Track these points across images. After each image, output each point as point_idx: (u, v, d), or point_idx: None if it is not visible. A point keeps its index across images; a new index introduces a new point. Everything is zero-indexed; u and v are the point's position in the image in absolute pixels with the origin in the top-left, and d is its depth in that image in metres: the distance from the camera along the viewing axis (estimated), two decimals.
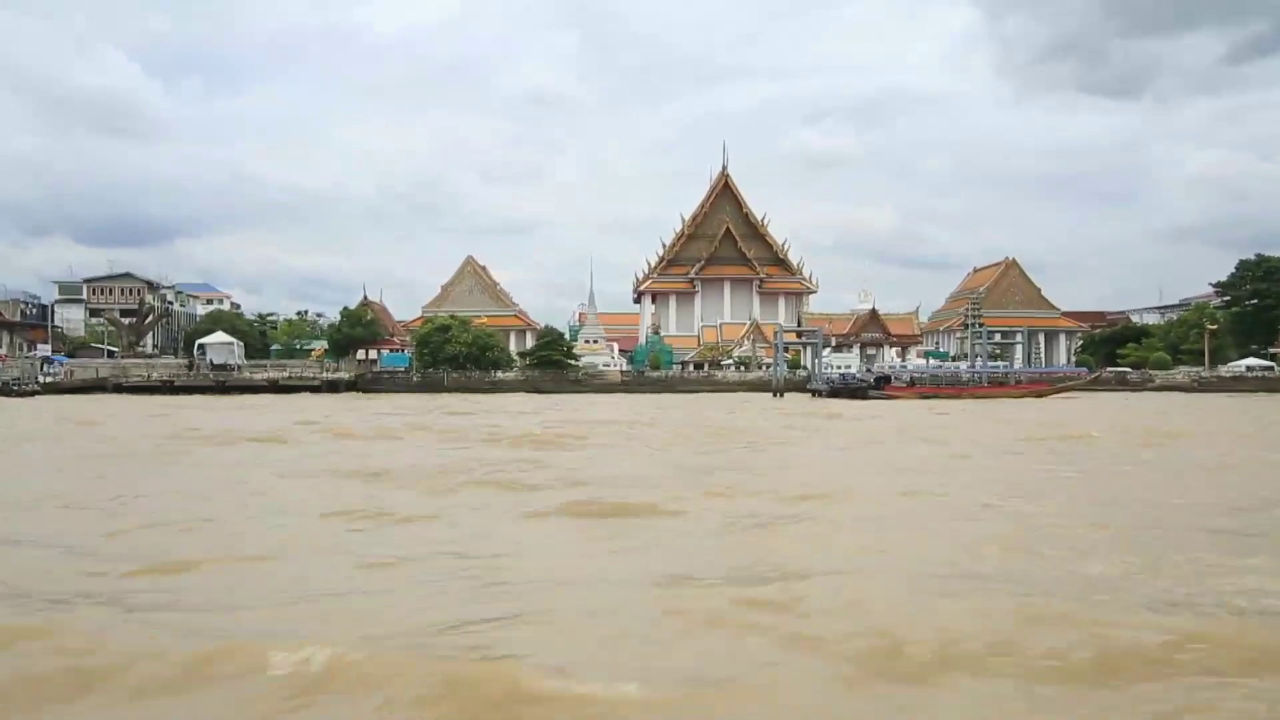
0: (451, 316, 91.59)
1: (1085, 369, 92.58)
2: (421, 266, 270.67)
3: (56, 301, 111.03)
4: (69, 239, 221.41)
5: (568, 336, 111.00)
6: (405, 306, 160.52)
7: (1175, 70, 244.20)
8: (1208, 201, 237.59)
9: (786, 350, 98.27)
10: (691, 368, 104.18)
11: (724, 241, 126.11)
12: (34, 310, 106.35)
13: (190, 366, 76.55)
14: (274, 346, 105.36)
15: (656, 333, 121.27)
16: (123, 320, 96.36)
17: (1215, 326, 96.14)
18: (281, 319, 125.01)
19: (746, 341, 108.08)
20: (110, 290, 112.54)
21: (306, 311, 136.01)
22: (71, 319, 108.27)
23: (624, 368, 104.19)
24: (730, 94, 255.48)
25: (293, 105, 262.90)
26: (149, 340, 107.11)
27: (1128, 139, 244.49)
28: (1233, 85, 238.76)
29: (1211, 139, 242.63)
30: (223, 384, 73.17)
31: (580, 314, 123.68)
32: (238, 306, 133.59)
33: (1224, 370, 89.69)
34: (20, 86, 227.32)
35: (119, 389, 70.98)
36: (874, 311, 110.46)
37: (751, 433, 30.74)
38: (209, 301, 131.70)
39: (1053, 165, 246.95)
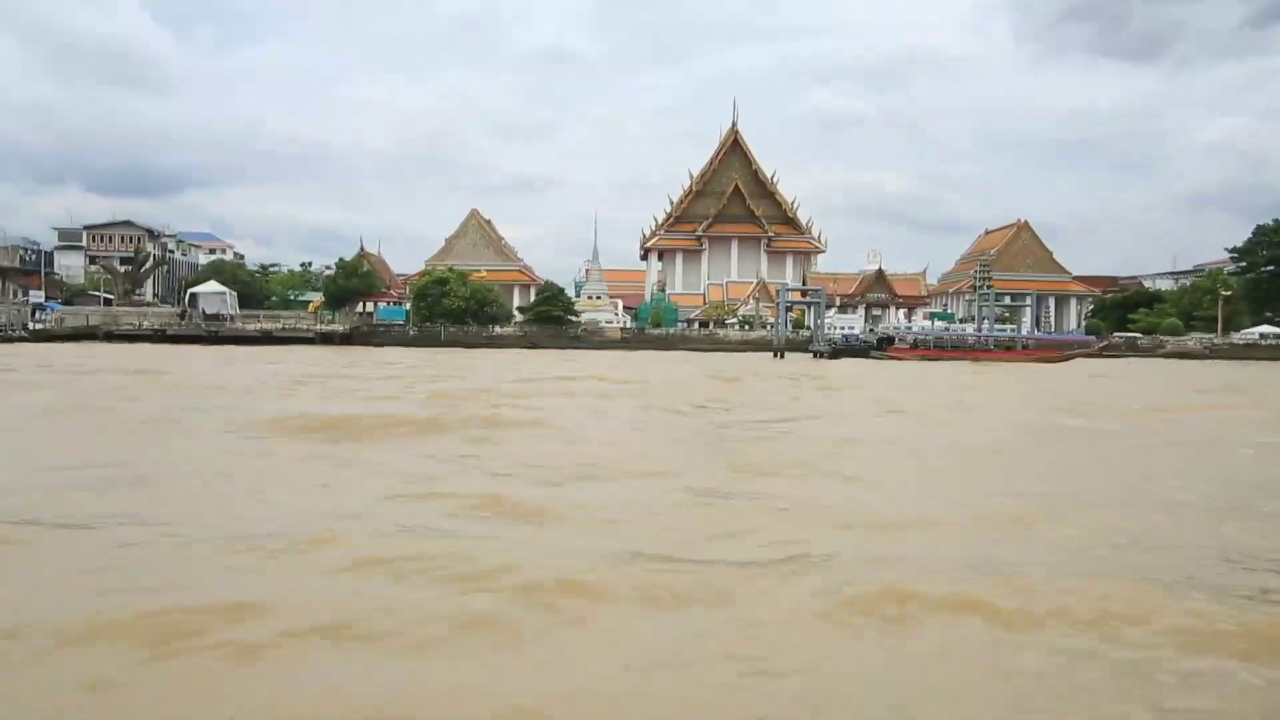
0: (450, 269, 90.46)
1: (1095, 335, 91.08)
2: (432, 221, 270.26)
3: (56, 248, 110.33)
4: (81, 188, 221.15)
5: (574, 293, 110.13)
6: (414, 261, 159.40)
7: (1196, 34, 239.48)
8: (1226, 168, 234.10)
9: (791, 310, 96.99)
10: (697, 326, 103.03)
11: (732, 199, 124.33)
12: (33, 257, 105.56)
13: (182, 316, 75.80)
14: (272, 298, 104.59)
15: (662, 290, 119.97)
16: (118, 268, 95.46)
17: (1230, 293, 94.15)
18: (284, 270, 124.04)
19: (752, 300, 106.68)
20: (110, 238, 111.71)
21: (310, 264, 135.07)
22: (72, 266, 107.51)
23: (629, 324, 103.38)
24: (745, 54, 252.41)
25: (305, 58, 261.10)
26: (149, 288, 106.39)
27: (1147, 104, 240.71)
28: (1254, 50, 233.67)
29: (1231, 105, 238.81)
30: (215, 334, 72.35)
31: (587, 270, 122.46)
32: (241, 257, 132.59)
33: (1236, 337, 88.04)
34: (32, 34, 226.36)
35: (110, 337, 70.28)
36: (880, 272, 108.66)
37: (707, 399, 29.16)
38: (211, 251, 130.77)
39: (1070, 130, 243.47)
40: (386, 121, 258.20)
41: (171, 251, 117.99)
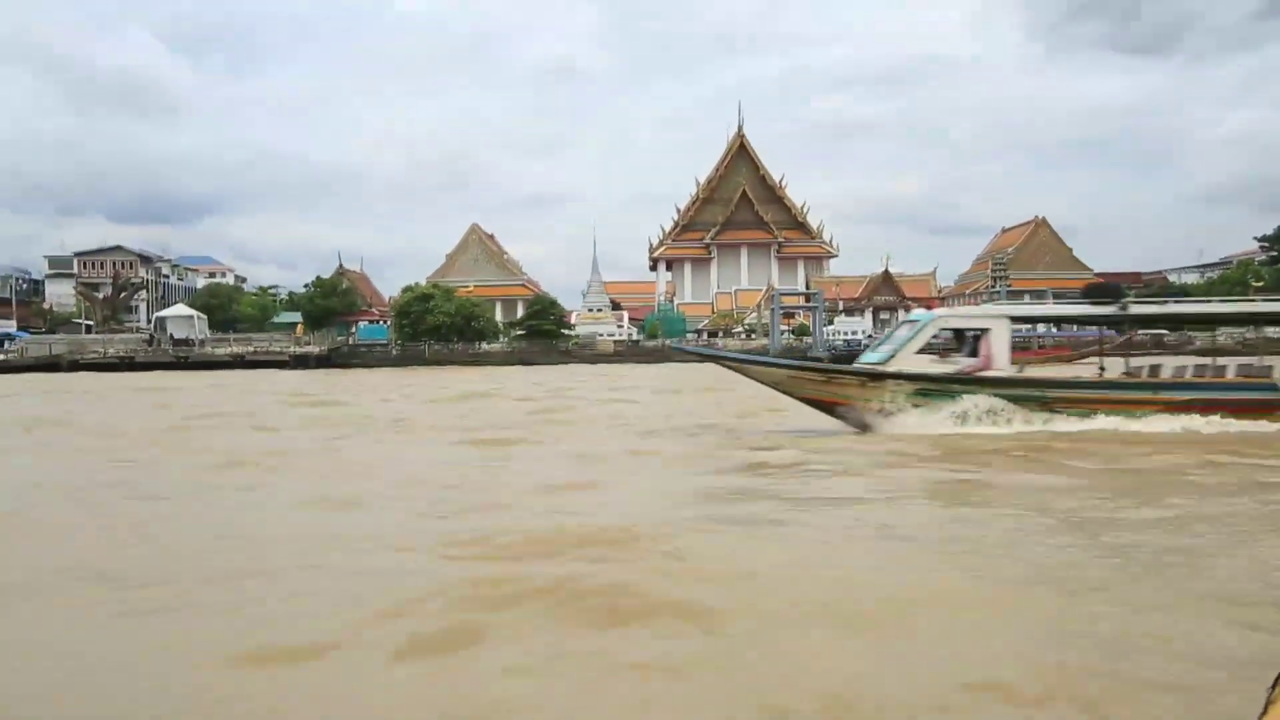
0: (434, 285, 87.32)
1: (1115, 331, 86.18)
2: (446, 239, 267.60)
3: (47, 276, 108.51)
4: (103, 218, 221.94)
5: (582, 305, 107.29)
6: (423, 279, 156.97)
7: (1208, 26, 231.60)
8: (1247, 161, 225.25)
9: (795, 316, 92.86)
10: (705, 336, 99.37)
11: (740, 205, 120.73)
12: (25, 286, 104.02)
13: (150, 341, 73.06)
14: (272, 319, 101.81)
15: (671, 300, 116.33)
16: (96, 294, 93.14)
17: (1261, 283, 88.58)
18: (284, 292, 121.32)
19: (760, 307, 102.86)
20: (101, 264, 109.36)
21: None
22: (63, 294, 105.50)
23: (634, 336, 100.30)
24: (755, 63, 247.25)
25: (319, 81, 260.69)
26: (143, 314, 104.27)
27: (1162, 98, 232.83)
28: (1268, 40, 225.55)
29: (1248, 96, 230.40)
30: (184, 360, 69.53)
31: (590, 282, 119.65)
32: (242, 280, 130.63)
33: (1271, 331, 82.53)
34: (50, 67, 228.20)
35: (74, 366, 67.61)
36: (887, 273, 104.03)
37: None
38: (211, 275, 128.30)
39: (1085, 127, 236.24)
40: (401, 141, 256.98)
41: (166, 276, 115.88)
